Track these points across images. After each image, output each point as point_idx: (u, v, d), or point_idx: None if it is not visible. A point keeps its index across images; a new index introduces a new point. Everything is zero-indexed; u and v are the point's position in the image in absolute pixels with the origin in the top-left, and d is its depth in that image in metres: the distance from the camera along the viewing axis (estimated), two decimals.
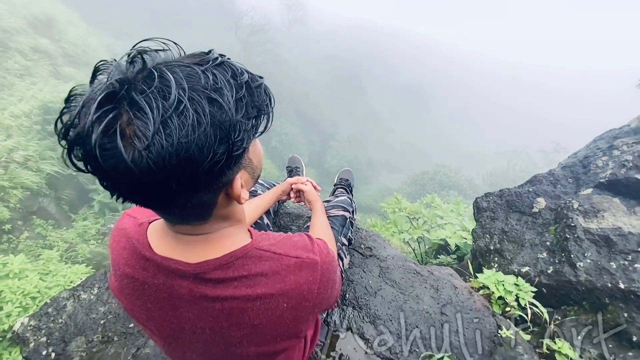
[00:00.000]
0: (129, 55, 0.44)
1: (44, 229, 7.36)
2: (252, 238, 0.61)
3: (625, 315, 1.33)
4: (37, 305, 5.15)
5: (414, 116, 35.03)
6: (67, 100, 0.44)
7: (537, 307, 1.43)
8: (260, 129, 0.52)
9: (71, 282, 5.62)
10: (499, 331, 1.17)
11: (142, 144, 0.39)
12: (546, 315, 1.42)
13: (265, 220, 1.30)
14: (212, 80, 0.43)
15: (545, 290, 1.67)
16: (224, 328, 0.58)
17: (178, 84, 0.40)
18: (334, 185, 1.81)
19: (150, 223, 0.62)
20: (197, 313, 0.57)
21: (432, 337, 1.12)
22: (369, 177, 25.10)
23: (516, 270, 1.84)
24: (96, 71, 0.45)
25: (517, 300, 1.61)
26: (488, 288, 1.69)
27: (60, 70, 10.71)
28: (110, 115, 0.40)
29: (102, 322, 1.18)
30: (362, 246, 1.40)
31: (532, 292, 1.65)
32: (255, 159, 0.59)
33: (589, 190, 1.74)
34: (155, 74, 0.41)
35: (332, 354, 1.09)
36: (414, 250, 3.66)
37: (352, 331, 1.14)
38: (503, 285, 1.67)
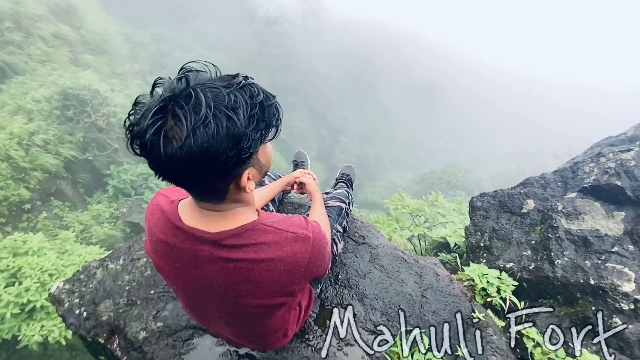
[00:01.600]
0: (179, 73, 0.63)
1: (61, 210, 7.71)
2: (259, 216, 0.78)
3: (593, 308, 1.46)
4: (54, 282, 5.46)
5: (424, 115, 34.73)
6: (134, 104, 0.63)
7: (512, 299, 1.57)
8: (269, 137, 0.71)
9: (86, 261, 5.92)
10: (473, 314, 1.31)
11: (177, 144, 0.58)
12: (520, 306, 1.56)
13: (271, 208, 1.46)
14: (233, 100, 0.60)
15: (525, 285, 1.80)
16: (234, 283, 0.75)
17: (207, 104, 0.58)
18: (336, 180, 1.95)
19: (180, 201, 0.79)
20: (215, 271, 0.75)
21: (412, 316, 1.27)
22: (377, 174, 25.12)
23: (501, 265, 1.97)
24: (155, 85, 0.63)
25: (498, 291, 1.75)
26: (473, 280, 1.84)
27: (79, 58, 11.03)
28: (160, 122, 0.58)
29: (127, 288, 1.37)
30: (356, 234, 1.56)
31: (513, 285, 1.79)
32: (264, 159, 0.76)
33: (574, 194, 1.86)
34: (193, 94, 0.58)
35: (324, 324, 1.26)
36: (414, 247, 3.77)
37: (342, 306, 1.30)
38: (486, 277, 1.81)
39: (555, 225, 1.81)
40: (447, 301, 1.33)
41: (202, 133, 0.57)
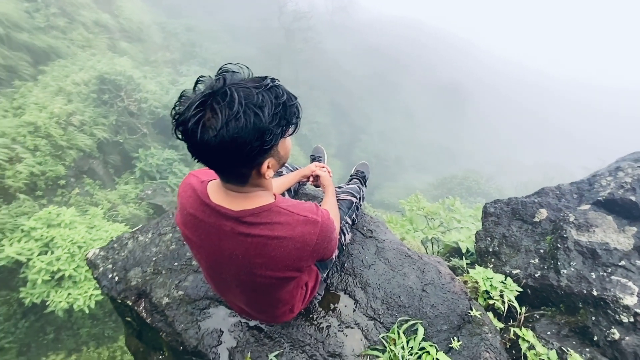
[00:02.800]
0: (217, 72, 0.75)
1: (92, 188, 8.20)
2: (275, 200, 0.89)
3: (593, 318, 1.48)
4: (83, 254, 5.85)
5: (449, 118, 33.88)
6: (180, 97, 0.75)
7: (513, 303, 1.61)
8: (289, 132, 0.83)
9: (111, 237, 6.28)
10: (470, 311, 1.37)
11: (213, 133, 0.70)
12: (521, 311, 1.60)
13: (287, 196, 1.58)
14: (261, 99, 0.71)
15: (529, 292, 1.83)
16: (251, 255, 0.87)
17: (239, 102, 0.69)
18: (350, 176, 2.04)
19: (209, 182, 0.91)
20: (235, 244, 0.86)
21: (410, 307, 1.35)
22: (396, 175, 24.87)
23: (508, 271, 2.00)
24: (197, 82, 0.76)
25: (501, 295, 1.79)
26: (477, 282, 1.88)
27: (117, 44, 11.57)
28: (200, 114, 0.71)
29: (154, 259, 1.52)
30: (364, 228, 1.64)
31: (517, 291, 1.82)
32: (283, 151, 0.87)
33: (587, 206, 1.86)
34: (228, 92, 0.70)
35: (328, 306, 1.36)
36: (426, 249, 3.78)
37: (345, 292, 1.40)
38: (490, 281, 1.85)
39: (565, 235, 1.82)
40: (447, 297, 1.40)
41: (234, 125, 0.69)
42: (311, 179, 1.56)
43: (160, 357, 1.59)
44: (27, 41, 8.96)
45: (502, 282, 1.88)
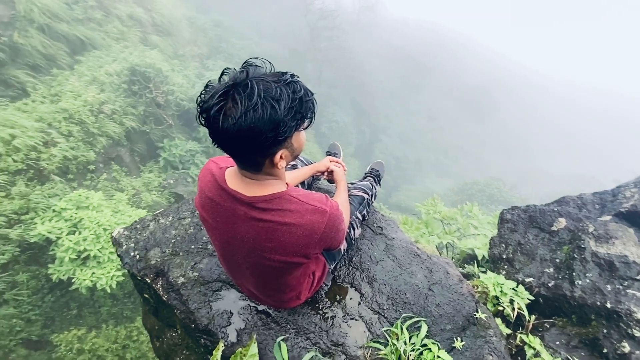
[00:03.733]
0: (242, 66, 0.81)
1: (119, 174, 8.59)
2: (288, 189, 0.94)
3: (605, 331, 1.44)
4: (107, 236, 6.15)
5: (473, 123, 32.94)
6: (205, 87, 0.80)
7: (522, 311, 1.59)
8: (304, 126, 0.88)
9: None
10: (476, 313, 1.37)
11: (232, 121, 0.75)
12: (530, 319, 1.58)
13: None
14: (279, 93, 0.76)
15: (541, 300, 1.80)
16: (262, 239, 0.92)
17: (258, 94, 0.74)
18: (365, 173, 2.06)
19: (227, 168, 0.97)
20: (247, 227, 0.92)
21: (415, 304, 1.37)
22: (415, 177, 24.49)
23: (520, 279, 1.97)
24: (223, 73, 0.81)
25: (511, 302, 1.77)
26: (487, 287, 1.87)
27: (148, 38, 12.01)
28: (222, 103, 0.76)
29: (172, 240, 1.61)
30: (375, 225, 1.67)
31: (529, 299, 1.79)
32: (296, 144, 0.91)
33: (608, 217, 1.80)
34: (249, 84, 0.75)
35: (334, 297, 1.40)
36: (441, 254, 3.73)
37: (352, 285, 1.43)
38: (501, 287, 1.83)
39: (582, 246, 1.78)
40: (453, 298, 1.41)
41: (251, 116, 0.74)
42: (326, 174, 1.60)
43: (174, 334, 1.68)
44: (66, 32, 9.46)
45: (513, 289, 1.85)
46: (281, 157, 0.87)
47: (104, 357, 5.88)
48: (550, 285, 1.81)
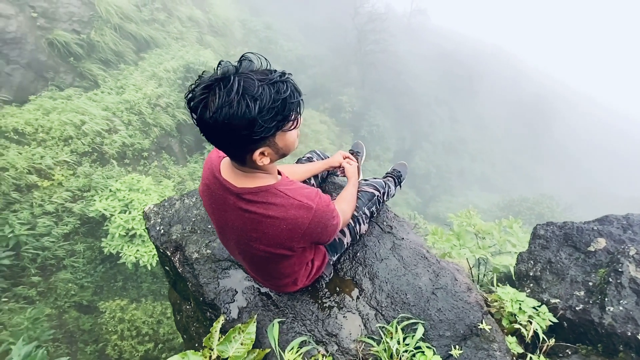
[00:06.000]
0: (239, 59, 0.83)
1: (167, 163, 9.30)
2: (278, 182, 0.97)
3: None
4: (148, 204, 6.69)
5: (527, 135, 30.46)
6: (199, 77, 0.83)
7: (538, 332, 1.48)
8: (288, 127, 0.86)
9: None
10: (480, 324, 1.30)
11: (210, 114, 0.77)
12: (548, 342, 1.46)
13: (312, 182, 1.66)
14: (259, 92, 0.77)
15: (565, 324, 1.66)
16: (247, 229, 0.97)
17: (237, 91, 0.75)
18: (386, 173, 2.04)
19: (224, 157, 1.04)
20: (236, 216, 0.98)
21: (415, 306, 1.34)
22: (456, 189, 23.30)
23: (545, 299, 1.82)
24: (218, 65, 0.84)
25: (529, 321, 1.65)
26: (504, 302, 1.75)
27: (204, 38, 12.87)
28: (204, 95, 0.78)
29: (193, 219, 1.74)
30: (384, 223, 1.65)
31: (551, 321, 1.66)
32: (282, 143, 0.91)
33: None
34: (231, 80, 0.76)
35: (334, 289, 1.42)
36: (471, 269, 3.52)
37: (353, 279, 1.44)
38: (520, 304, 1.71)
39: (620, 270, 1.61)
40: (457, 305, 1.35)
41: (226, 111, 0.75)
42: (340, 170, 1.62)
43: (188, 306, 1.81)
44: (134, 31, 10.47)
45: (534, 307, 1.72)
46: (264, 155, 0.88)
47: (140, 328, 6.40)
48: (577, 309, 1.66)
